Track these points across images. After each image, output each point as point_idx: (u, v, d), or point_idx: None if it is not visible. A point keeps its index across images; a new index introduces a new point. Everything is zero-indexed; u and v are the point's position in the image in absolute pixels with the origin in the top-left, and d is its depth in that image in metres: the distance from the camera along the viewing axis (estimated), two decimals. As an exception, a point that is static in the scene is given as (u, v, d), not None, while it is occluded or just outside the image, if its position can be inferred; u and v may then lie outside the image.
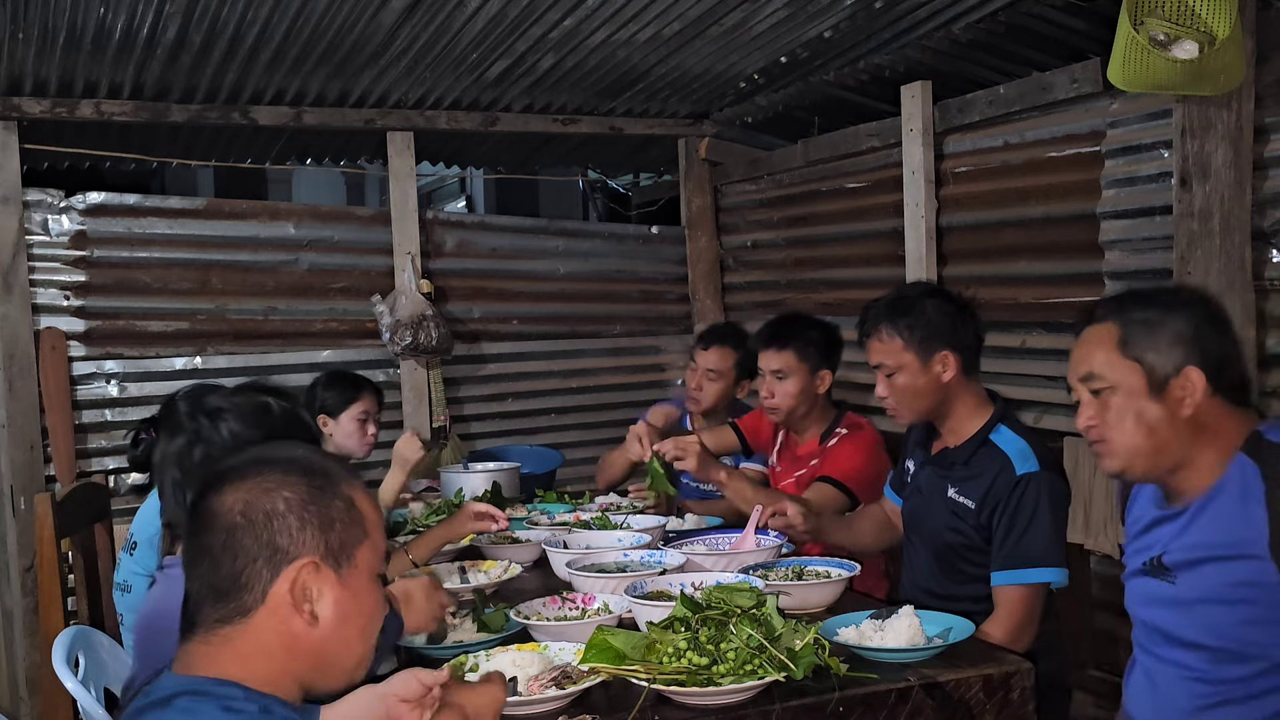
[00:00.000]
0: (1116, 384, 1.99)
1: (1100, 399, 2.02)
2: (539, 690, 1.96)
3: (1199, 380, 1.95)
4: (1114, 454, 2.02)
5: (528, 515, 3.53)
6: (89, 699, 2.54)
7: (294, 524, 1.45)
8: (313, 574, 1.45)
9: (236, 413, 2.11)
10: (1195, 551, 1.98)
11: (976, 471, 2.69)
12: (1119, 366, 1.99)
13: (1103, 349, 2.02)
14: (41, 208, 4.68)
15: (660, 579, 2.49)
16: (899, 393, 2.76)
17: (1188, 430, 1.97)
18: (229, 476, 1.49)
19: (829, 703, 1.99)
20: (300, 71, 4.49)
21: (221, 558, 1.45)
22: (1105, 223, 3.68)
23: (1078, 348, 2.08)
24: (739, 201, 5.72)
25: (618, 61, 4.59)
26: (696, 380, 4.03)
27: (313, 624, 1.46)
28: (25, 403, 4.56)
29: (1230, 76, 2.94)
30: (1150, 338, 1.98)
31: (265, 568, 1.44)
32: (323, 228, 5.17)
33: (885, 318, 2.77)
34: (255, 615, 1.45)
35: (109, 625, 3.36)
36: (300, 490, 1.47)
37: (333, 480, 1.51)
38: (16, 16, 3.72)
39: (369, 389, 3.88)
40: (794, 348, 3.44)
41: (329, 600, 1.46)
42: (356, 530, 1.50)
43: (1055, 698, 2.63)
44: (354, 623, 1.49)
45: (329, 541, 1.47)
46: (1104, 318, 2.04)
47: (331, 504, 1.49)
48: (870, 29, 4.07)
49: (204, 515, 1.48)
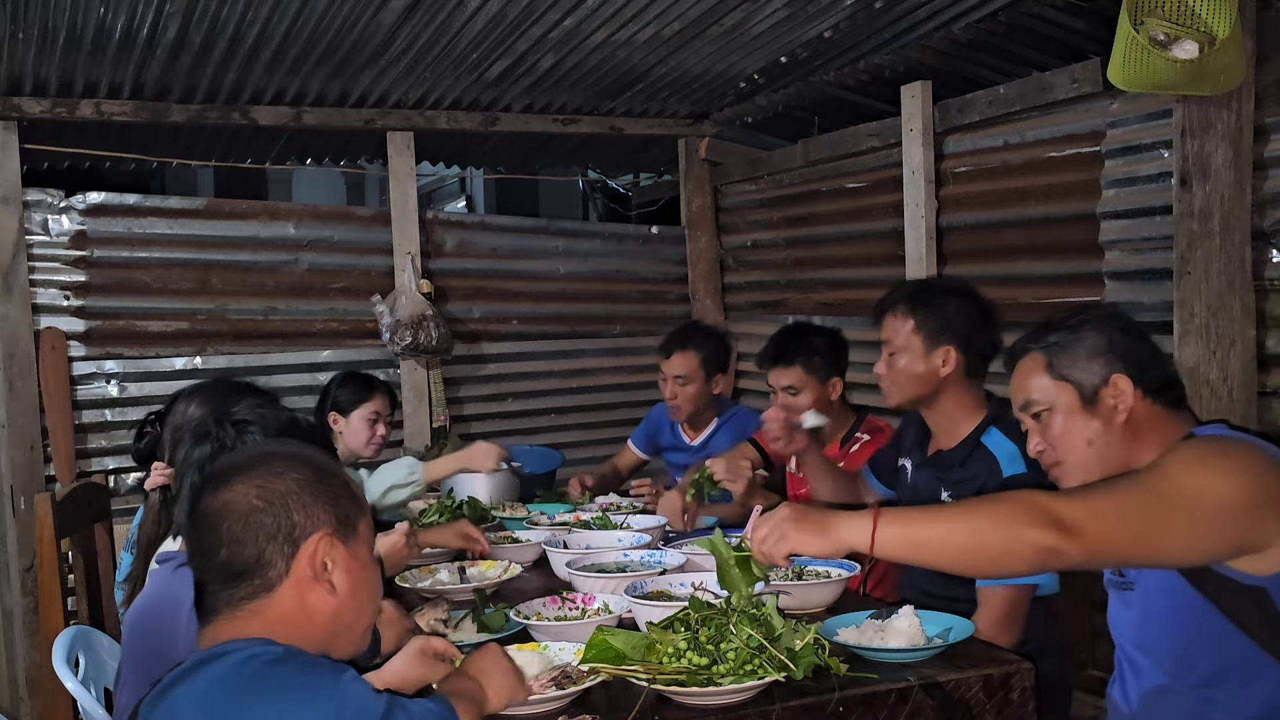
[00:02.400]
0: (1052, 404, 2.09)
1: (1042, 422, 2.11)
2: (539, 690, 1.96)
3: (1126, 385, 2.04)
4: (1068, 472, 2.09)
5: (528, 515, 3.53)
6: (89, 699, 2.54)
7: (307, 500, 1.58)
8: (328, 545, 1.58)
9: (261, 424, 2.14)
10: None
11: (969, 474, 2.71)
12: (1050, 389, 2.10)
13: (1032, 376, 2.12)
14: (41, 208, 4.68)
15: (660, 579, 2.49)
16: (895, 373, 2.82)
17: (1126, 436, 2.04)
18: (235, 471, 1.61)
19: (829, 703, 1.98)
20: (300, 71, 4.49)
21: (243, 540, 1.56)
22: (1105, 223, 3.68)
23: (1012, 382, 2.18)
24: (739, 201, 5.72)
25: (618, 61, 4.59)
26: (669, 389, 4.05)
27: (331, 593, 1.58)
28: (25, 403, 4.56)
29: (1230, 76, 2.94)
30: (1071, 355, 2.08)
31: (286, 543, 1.56)
32: (323, 228, 5.17)
33: (907, 299, 2.85)
34: (279, 589, 1.56)
35: (109, 625, 3.37)
36: (305, 472, 1.61)
37: (326, 464, 1.67)
38: (16, 16, 3.72)
39: (382, 390, 3.93)
40: (800, 362, 3.48)
41: (341, 569, 1.59)
42: (355, 504, 1.65)
43: (1055, 698, 2.63)
44: (363, 590, 1.63)
45: (337, 514, 1.60)
46: (1027, 350, 2.16)
47: (333, 482, 1.63)
48: (870, 29, 4.07)
49: (216, 507, 1.58)
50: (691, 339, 4.08)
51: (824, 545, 1.90)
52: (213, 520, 1.58)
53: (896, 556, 1.90)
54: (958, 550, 1.84)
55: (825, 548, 1.91)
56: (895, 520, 1.85)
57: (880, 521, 1.84)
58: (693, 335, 4.12)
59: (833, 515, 1.92)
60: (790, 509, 1.96)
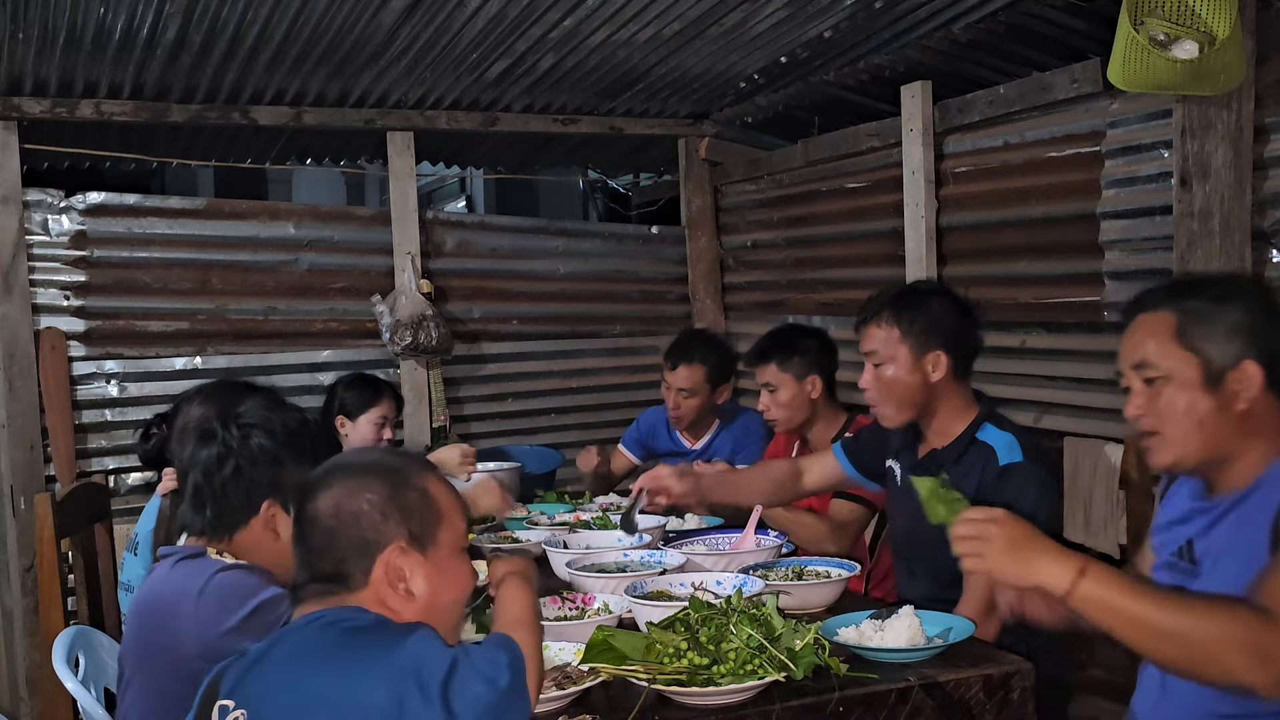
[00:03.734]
0: (1170, 373, 1.94)
1: (1153, 388, 1.96)
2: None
3: (1256, 374, 1.91)
4: (1165, 446, 1.97)
5: (528, 515, 3.53)
6: (89, 699, 2.54)
7: (378, 519, 1.69)
8: (401, 557, 1.68)
9: (266, 428, 2.14)
10: (1221, 546, 1.95)
11: (966, 470, 2.69)
12: (1174, 356, 1.93)
13: (1157, 338, 1.96)
14: (41, 208, 4.68)
15: (660, 579, 2.49)
16: (885, 385, 2.74)
17: (1238, 425, 1.93)
18: (319, 485, 1.74)
19: (829, 703, 1.99)
20: (300, 71, 4.49)
21: (324, 552, 1.70)
22: (1105, 223, 3.68)
23: (1131, 334, 2.01)
24: (739, 201, 5.72)
25: (618, 61, 4.59)
26: (673, 399, 4.06)
27: (409, 599, 1.69)
28: (25, 403, 4.56)
29: (1230, 76, 2.94)
30: (1207, 328, 1.92)
31: (361, 558, 1.68)
32: (323, 228, 5.17)
33: (889, 306, 2.76)
34: (360, 593, 1.69)
35: (109, 625, 3.37)
36: (379, 489, 1.71)
37: (405, 475, 1.75)
38: (16, 16, 3.72)
39: (389, 394, 3.94)
40: (776, 359, 3.51)
41: (420, 577, 1.69)
42: (433, 514, 1.73)
43: (1055, 698, 2.62)
44: (446, 593, 1.73)
45: (411, 528, 1.70)
46: (1159, 305, 1.98)
47: (407, 496, 1.72)
48: (870, 29, 4.07)
49: (306, 519, 1.73)
50: (697, 351, 4.05)
51: (1018, 579, 1.81)
52: (304, 529, 1.73)
53: (1088, 614, 1.80)
54: (1157, 638, 1.75)
55: (1019, 582, 1.82)
56: (1102, 582, 1.76)
57: (1086, 578, 1.76)
58: (699, 347, 4.09)
59: (1038, 551, 1.80)
60: (1001, 524, 1.82)
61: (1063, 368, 3.88)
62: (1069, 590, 1.76)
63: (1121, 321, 2.06)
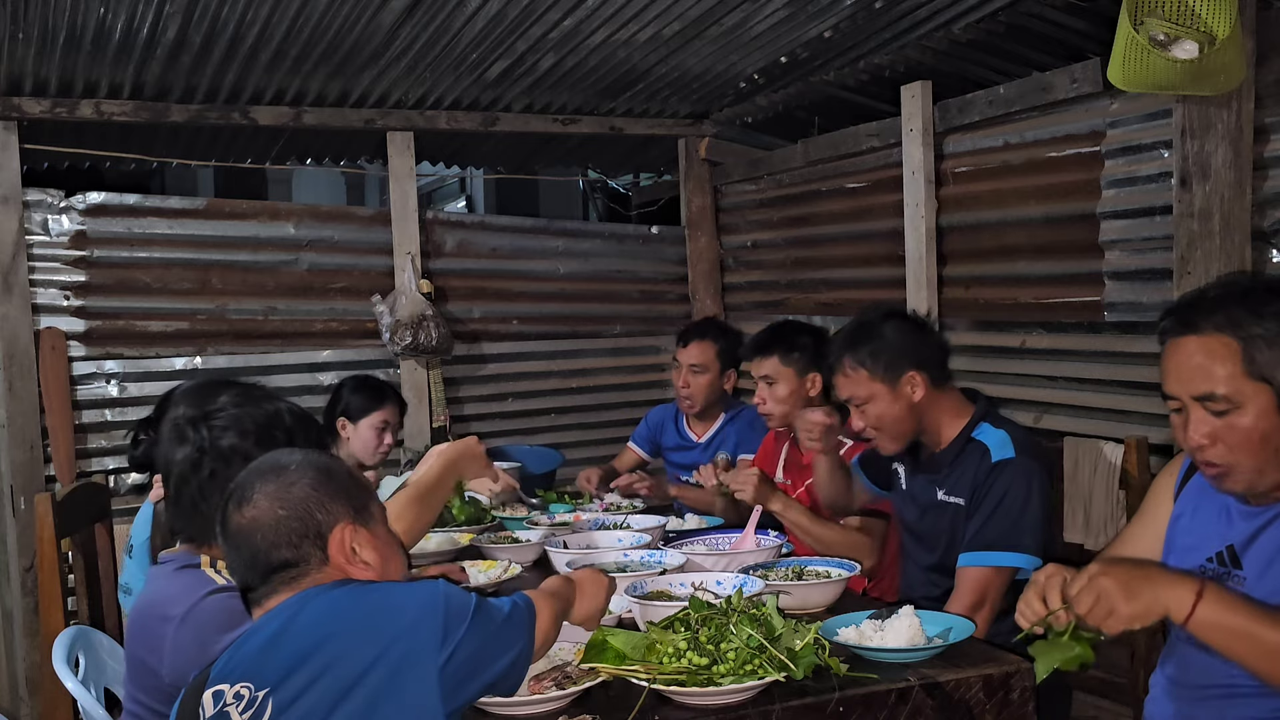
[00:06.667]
0: (1244, 405, 1.88)
1: (1222, 420, 1.89)
2: (539, 690, 1.96)
3: None
4: (1239, 475, 1.92)
5: (528, 515, 3.53)
6: (89, 699, 2.54)
7: (325, 499, 1.77)
8: (351, 533, 1.78)
9: (237, 427, 2.11)
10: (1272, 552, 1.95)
11: (961, 468, 2.73)
12: (1246, 388, 1.87)
13: (1224, 367, 1.88)
14: (41, 208, 4.68)
15: (660, 579, 2.49)
16: (876, 421, 2.79)
17: None
18: (253, 487, 1.77)
19: (829, 703, 1.99)
20: (300, 71, 4.49)
21: (279, 543, 1.74)
22: (1105, 223, 3.68)
23: (1186, 358, 1.92)
24: (739, 201, 5.72)
25: (618, 61, 4.59)
26: (682, 378, 4.09)
27: (367, 570, 1.78)
28: (25, 403, 4.56)
29: (1230, 76, 2.94)
30: (1275, 354, 1.86)
31: (317, 539, 1.76)
32: (323, 228, 5.17)
33: (847, 350, 2.80)
34: (327, 569, 1.76)
35: (109, 625, 3.37)
36: (313, 476, 1.79)
37: (328, 461, 1.85)
38: (16, 16, 3.72)
39: (392, 399, 3.94)
40: (778, 353, 3.49)
41: (370, 548, 1.79)
42: (363, 491, 1.85)
43: (1055, 698, 2.63)
44: (392, 560, 1.84)
45: (353, 505, 1.80)
46: (1217, 328, 1.90)
47: (339, 478, 1.82)
48: (870, 29, 4.07)
49: (246, 524, 1.75)
50: (709, 330, 4.18)
51: (1146, 618, 1.78)
52: (246, 534, 1.75)
53: (1205, 636, 1.78)
54: (1269, 654, 1.75)
55: (1147, 621, 1.78)
56: (1220, 604, 1.76)
57: (1204, 600, 1.75)
58: (710, 327, 4.24)
59: (1153, 582, 1.78)
60: (1107, 574, 1.78)
61: (1063, 368, 3.88)
62: (1190, 612, 1.75)
63: (1162, 338, 1.98)
